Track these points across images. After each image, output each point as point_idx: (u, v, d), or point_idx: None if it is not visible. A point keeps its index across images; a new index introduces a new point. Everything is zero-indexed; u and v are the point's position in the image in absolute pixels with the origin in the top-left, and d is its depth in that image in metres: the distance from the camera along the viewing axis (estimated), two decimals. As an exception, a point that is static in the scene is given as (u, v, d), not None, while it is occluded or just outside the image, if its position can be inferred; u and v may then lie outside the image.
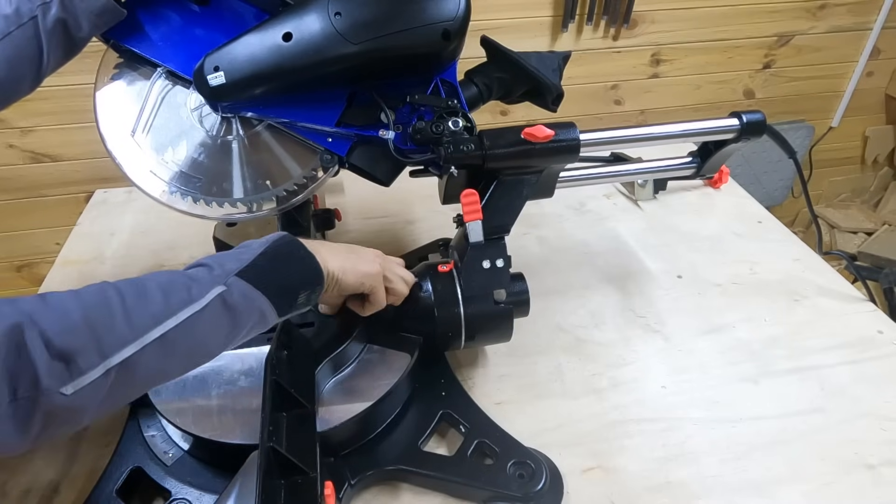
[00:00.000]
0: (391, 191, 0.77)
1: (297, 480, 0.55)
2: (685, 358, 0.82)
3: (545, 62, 0.76)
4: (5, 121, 1.61)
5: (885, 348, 0.83)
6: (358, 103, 0.71)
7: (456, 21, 0.66)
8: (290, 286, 0.56)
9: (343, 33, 0.64)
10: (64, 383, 0.42)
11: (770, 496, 0.65)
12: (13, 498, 0.65)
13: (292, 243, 0.58)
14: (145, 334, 0.46)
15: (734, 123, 0.79)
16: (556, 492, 0.64)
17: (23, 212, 1.78)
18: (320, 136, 0.71)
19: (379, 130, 0.70)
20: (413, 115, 0.71)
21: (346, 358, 0.71)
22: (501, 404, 0.75)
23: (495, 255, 0.71)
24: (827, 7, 1.97)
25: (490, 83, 0.76)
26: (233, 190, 0.70)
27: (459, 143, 0.68)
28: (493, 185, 0.72)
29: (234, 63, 0.64)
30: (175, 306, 0.48)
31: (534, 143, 0.70)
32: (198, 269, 0.53)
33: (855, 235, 2.24)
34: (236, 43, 0.64)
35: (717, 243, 1.03)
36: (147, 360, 0.46)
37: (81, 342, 0.43)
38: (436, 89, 0.71)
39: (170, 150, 0.70)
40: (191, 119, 0.70)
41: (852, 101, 2.20)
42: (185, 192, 0.70)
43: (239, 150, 0.71)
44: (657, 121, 2.07)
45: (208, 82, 0.64)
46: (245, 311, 0.52)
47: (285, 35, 0.64)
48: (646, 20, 1.86)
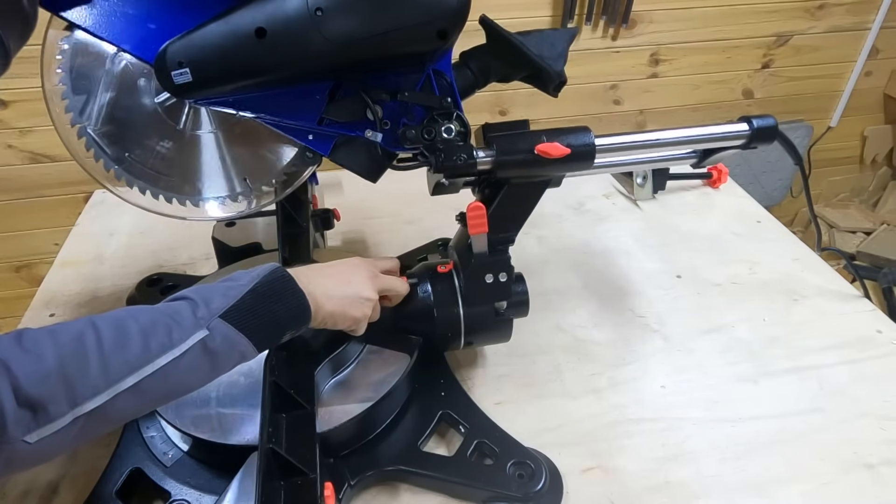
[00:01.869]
0: (391, 191, 0.77)
1: (297, 481, 0.55)
2: (684, 358, 0.82)
3: (548, 45, 0.69)
4: (4, 121, 1.61)
5: (885, 348, 0.83)
6: (341, 97, 0.64)
7: (453, 17, 0.59)
8: (276, 327, 0.54)
9: (325, 33, 0.57)
10: (29, 431, 0.41)
11: (769, 496, 0.65)
12: (12, 499, 0.65)
13: (283, 280, 0.55)
14: (119, 382, 0.45)
15: (744, 129, 0.73)
16: (555, 492, 0.64)
17: (22, 212, 1.78)
18: (301, 133, 0.65)
19: (365, 130, 0.65)
20: (402, 112, 0.66)
21: (345, 358, 0.71)
22: (501, 404, 0.75)
23: (499, 268, 0.69)
24: (825, 7, 1.97)
25: (487, 68, 0.69)
26: (207, 188, 0.66)
27: (452, 152, 0.63)
28: (503, 191, 0.67)
29: (200, 59, 0.57)
30: (154, 352, 0.47)
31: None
32: (182, 304, 0.51)
33: (854, 235, 2.25)
34: (202, 34, 0.57)
35: (716, 243, 1.03)
36: (119, 407, 0.45)
37: (52, 391, 0.42)
38: (427, 83, 0.65)
39: (133, 144, 0.64)
40: (156, 110, 0.63)
41: (851, 100, 2.20)
42: (156, 191, 0.65)
43: (212, 144, 0.66)
44: (656, 120, 2.08)
45: (172, 79, 0.58)
46: (225, 354, 0.51)
47: (258, 30, 0.56)
48: (644, 20, 1.86)
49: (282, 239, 0.79)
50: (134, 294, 0.89)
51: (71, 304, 0.92)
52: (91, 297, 0.93)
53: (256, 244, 0.89)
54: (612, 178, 1.21)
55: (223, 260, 0.92)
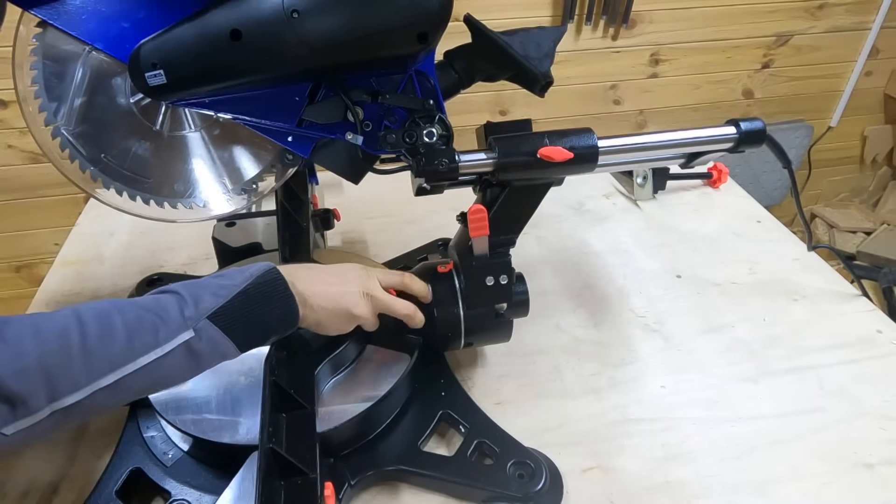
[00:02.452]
0: (391, 191, 0.77)
1: (297, 481, 0.55)
2: (684, 357, 0.82)
3: (535, 46, 0.68)
4: (4, 121, 1.61)
5: (885, 348, 0.83)
6: (321, 98, 0.64)
7: (434, 20, 0.58)
8: (262, 332, 0.54)
9: (302, 36, 0.56)
10: (6, 424, 0.41)
11: (769, 495, 0.65)
12: (12, 499, 0.65)
13: (276, 283, 0.54)
14: (100, 379, 0.44)
15: (731, 132, 0.71)
16: (555, 492, 0.64)
17: (22, 212, 1.78)
18: (280, 135, 0.64)
19: (346, 133, 0.64)
20: (384, 113, 0.65)
21: (345, 358, 0.71)
22: (501, 404, 0.75)
23: (500, 271, 0.68)
24: (826, 7, 1.98)
25: (471, 68, 0.68)
26: (185, 189, 0.65)
27: (433, 156, 0.62)
28: (505, 193, 0.66)
29: (174, 60, 0.56)
30: (138, 350, 0.46)
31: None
32: (171, 300, 0.50)
33: (854, 235, 2.25)
34: (176, 34, 0.56)
35: (716, 243, 1.03)
36: (97, 402, 0.45)
37: (31, 386, 0.42)
38: (410, 85, 0.64)
39: (109, 145, 0.63)
40: (132, 110, 0.62)
41: (851, 100, 2.20)
42: (133, 192, 0.64)
43: (190, 145, 0.64)
44: (656, 121, 2.08)
45: (146, 81, 0.57)
46: (209, 356, 0.51)
47: (233, 32, 0.55)
48: (644, 20, 1.86)
49: (282, 239, 0.79)
50: (134, 294, 0.89)
51: (71, 305, 0.91)
52: (91, 296, 0.93)
53: (257, 244, 0.89)
54: (612, 178, 1.21)
55: (223, 260, 0.92)
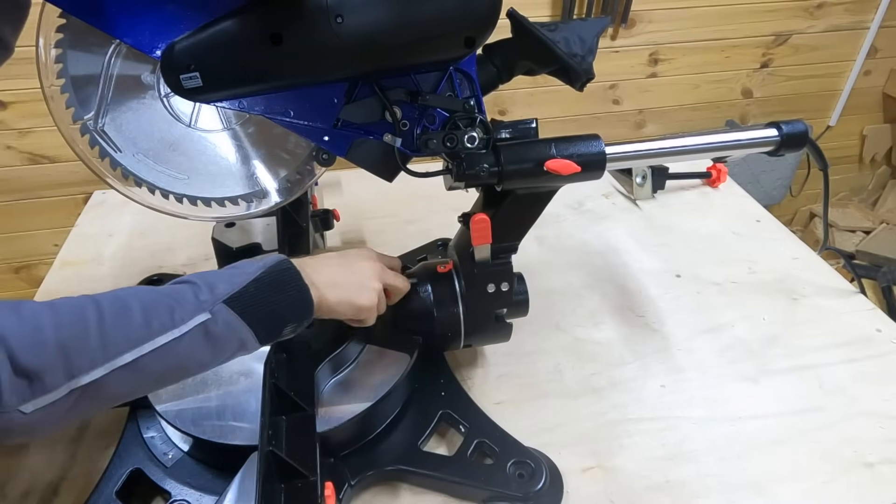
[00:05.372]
0: (391, 191, 0.77)
1: (297, 484, 0.55)
2: (684, 357, 0.82)
3: (578, 40, 0.65)
4: (4, 122, 1.61)
5: (884, 347, 0.83)
6: (358, 97, 0.62)
7: (482, 25, 0.57)
8: (278, 319, 0.54)
9: (346, 42, 0.54)
10: (25, 401, 0.41)
11: (769, 495, 0.65)
12: (12, 500, 0.65)
13: (289, 272, 0.55)
14: (117, 357, 0.44)
15: (773, 135, 0.69)
16: (555, 491, 0.64)
17: (21, 213, 1.78)
18: (316, 134, 0.63)
19: (384, 135, 0.63)
20: (422, 112, 0.63)
21: (345, 358, 0.71)
22: (501, 404, 0.75)
23: (501, 278, 0.68)
24: (824, 6, 1.98)
25: (511, 64, 0.66)
26: (216, 187, 0.64)
27: (475, 162, 0.61)
28: (508, 200, 0.65)
29: (211, 63, 0.55)
30: (155, 330, 0.46)
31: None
32: (186, 287, 0.50)
33: (853, 234, 2.25)
34: (212, 35, 0.54)
35: (715, 242, 1.04)
36: (115, 383, 0.45)
37: (49, 361, 0.41)
38: (449, 82, 0.63)
39: (139, 141, 0.62)
40: (163, 108, 0.61)
41: (850, 99, 2.20)
42: (165, 190, 0.63)
43: (221, 142, 0.64)
44: (655, 120, 2.08)
45: (181, 83, 0.55)
46: (226, 340, 0.50)
47: (274, 36, 0.54)
48: (644, 20, 1.86)
49: (282, 239, 0.79)
50: (134, 295, 0.89)
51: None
52: (91, 297, 0.93)
53: (256, 245, 0.89)
54: (611, 178, 1.21)
55: (223, 261, 0.91)
